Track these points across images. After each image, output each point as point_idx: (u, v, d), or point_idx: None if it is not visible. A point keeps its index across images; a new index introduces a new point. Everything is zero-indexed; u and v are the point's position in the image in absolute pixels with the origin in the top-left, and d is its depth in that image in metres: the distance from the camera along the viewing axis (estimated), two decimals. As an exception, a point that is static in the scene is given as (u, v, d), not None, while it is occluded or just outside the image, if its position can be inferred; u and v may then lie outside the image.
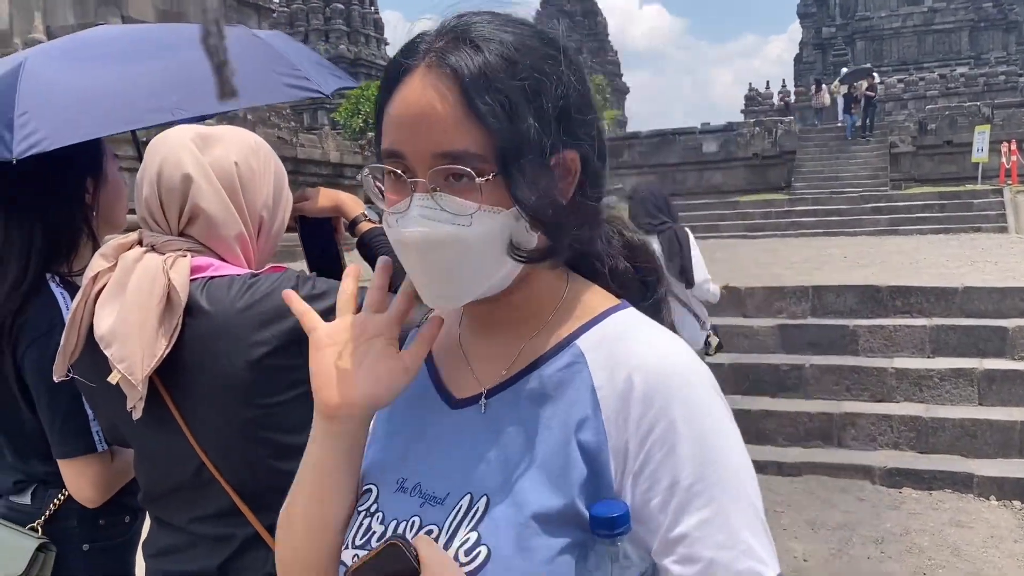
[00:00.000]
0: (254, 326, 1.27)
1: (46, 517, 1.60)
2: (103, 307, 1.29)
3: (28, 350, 1.53)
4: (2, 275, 1.57)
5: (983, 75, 38.24)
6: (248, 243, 1.40)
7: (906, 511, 4.50)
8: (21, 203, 1.59)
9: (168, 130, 1.38)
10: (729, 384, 5.89)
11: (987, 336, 5.59)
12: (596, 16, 74.07)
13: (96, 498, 1.57)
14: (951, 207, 16.60)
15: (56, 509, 1.60)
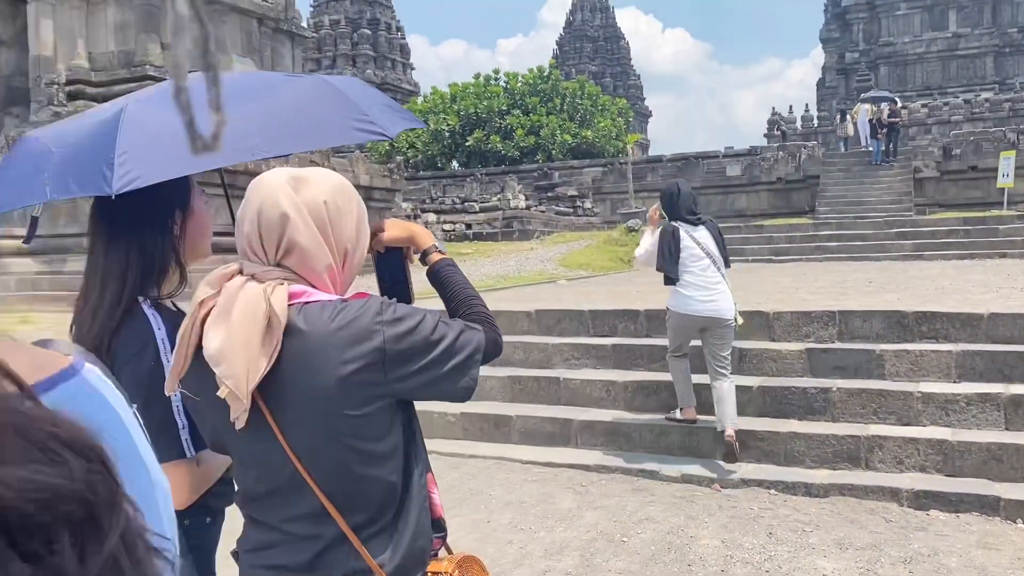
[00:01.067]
0: (344, 346, 1.43)
1: None
2: (211, 330, 1.46)
3: (125, 366, 1.69)
4: (101, 298, 1.75)
5: (1008, 100, 38.13)
6: (335, 272, 1.56)
7: (933, 532, 4.58)
8: (119, 234, 1.77)
9: (266, 173, 1.55)
10: (757, 406, 6.01)
11: (1013, 362, 5.67)
12: (619, 40, 74.58)
13: (183, 501, 1.73)
14: (976, 232, 16.61)
15: None
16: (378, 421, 1.47)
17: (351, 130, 1.78)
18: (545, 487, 5.56)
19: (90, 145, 1.60)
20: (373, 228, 1.74)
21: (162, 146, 1.58)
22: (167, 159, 1.57)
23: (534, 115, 41.16)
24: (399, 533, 1.51)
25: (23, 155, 1.79)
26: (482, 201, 23.97)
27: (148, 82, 13.40)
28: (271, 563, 1.54)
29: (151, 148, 1.56)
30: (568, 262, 16.28)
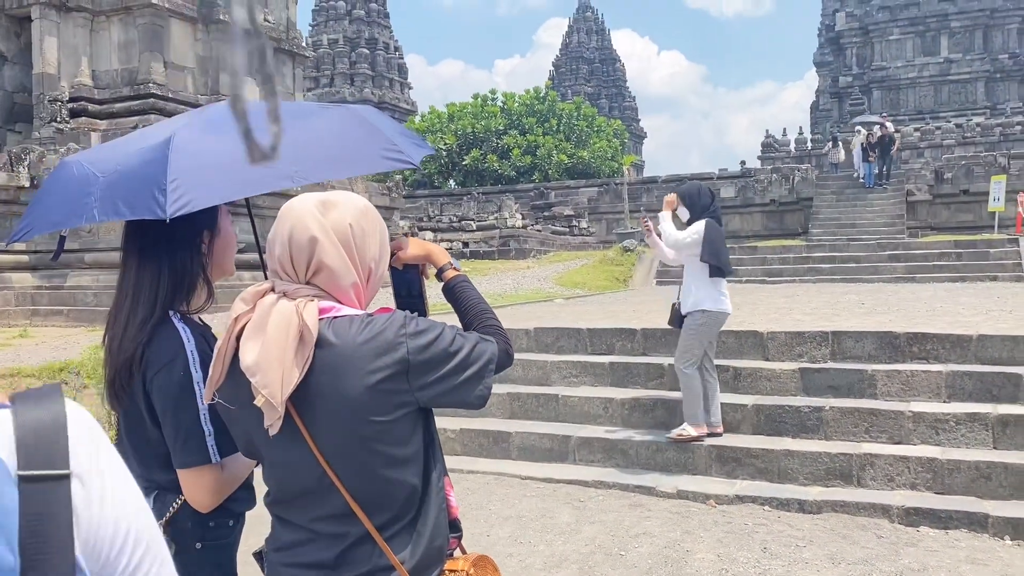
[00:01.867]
0: (371, 356, 1.55)
1: (167, 519, 1.86)
2: (247, 343, 1.58)
3: (156, 376, 1.81)
4: (134, 312, 1.87)
5: (999, 125, 38.55)
6: (360, 289, 1.69)
7: (923, 548, 4.70)
8: (151, 251, 1.89)
9: (295, 198, 1.67)
10: (752, 424, 6.13)
11: (1001, 383, 5.81)
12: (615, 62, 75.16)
13: (209, 503, 1.84)
14: (968, 255, 16.80)
15: (174, 512, 1.86)
16: (402, 427, 1.59)
17: (380, 159, 1.91)
18: (544, 502, 5.66)
19: (139, 170, 1.72)
20: (393, 246, 1.86)
21: (211, 172, 1.70)
22: (216, 184, 1.69)
23: (531, 135, 41.46)
24: (419, 532, 1.62)
25: (66, 178, 1.91)
26: (479, 220, 24.13)
27: (151, 100, 13.55)
28: (300, 561, 1.65)
29: (201, 174, 1.68)
30: (564, 281, 16.41)
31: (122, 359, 1.84)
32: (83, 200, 1.79)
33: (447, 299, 1.88)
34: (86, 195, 1.79)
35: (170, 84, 14.02)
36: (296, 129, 1.87)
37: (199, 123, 1.86)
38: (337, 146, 1.86)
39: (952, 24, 42.99)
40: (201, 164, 1.70)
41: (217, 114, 1.92)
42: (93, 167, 1.86)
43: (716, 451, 5.91)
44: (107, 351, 1.89)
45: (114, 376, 1.86)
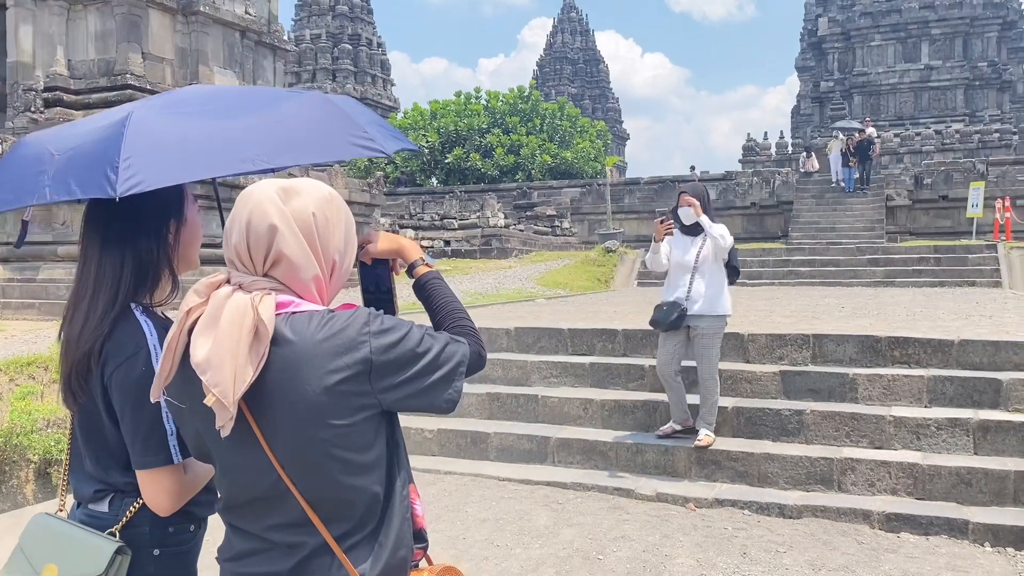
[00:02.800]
0: (331, 355, 1.45)
1: (123, 523, 1.75)
2: (198, 338, 1.47)
3: (116, 371, 1.70)
4: (94, 303, 1.76)
5: (977, 132, 38.90)
6: (323, 283, 1.58)
7: (904, 555, 4.65)
8: (113, 240, 1.78)
9: (255, 184, 1.56)
10: (732, 427, 6.08)
11: (982, 388, 5.78)
12: (598, 63, 75.24)
13: (169, 507, 1.73)
14: (946, 261, 16.90)
15: (131, 516, 1.75)
16: (363, 431, 1.49)
17: (350, 146, 1.80)
18: (521, 504, 5.57)
19: (93, 148, 1.62)
20: (361, 240, 1.75)
21: (167, 152, 1.60)
22: (171, 165, 1.59)
23: (514, 134, 41.38)
24: (380, 543, 1.52)
25: (21, 157, 1.80)
26: (461, 218, 24.02)
27: (128, 91, 13.34)
28: (252, 571, 1.54)
29: (156, 153, 1.58)
30: (546, 281, 16.34)
31: (80, 353, 1.73)
32: (36, 179, 1.68)
33: (418, 296, 1.78)
34: (39, 173, 1.69)
35: (148, 75, 13.80)
36: (260, 112, 1.77)
37: (159, 104, 1.75)
38: (302, 131, 1.75)
39: (933, 31, 43.34)
40: (157, 143, 1.59)
41: (178, 96, 1.82)
42: (49, 145, 1.76)
43: (696, 454, 5.85)
44: (64, 345, 1.78)
45: (71, 371, 1.74)
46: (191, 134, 1.65)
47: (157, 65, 14.09)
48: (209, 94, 1.90)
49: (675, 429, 6.01)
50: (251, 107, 1.80)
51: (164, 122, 1.65)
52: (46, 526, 1.80)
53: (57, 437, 6.20)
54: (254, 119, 1.73)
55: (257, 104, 1.82)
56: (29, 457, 6.19)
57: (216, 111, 1.76)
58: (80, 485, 1.83)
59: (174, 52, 14.40)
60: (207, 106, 1.79)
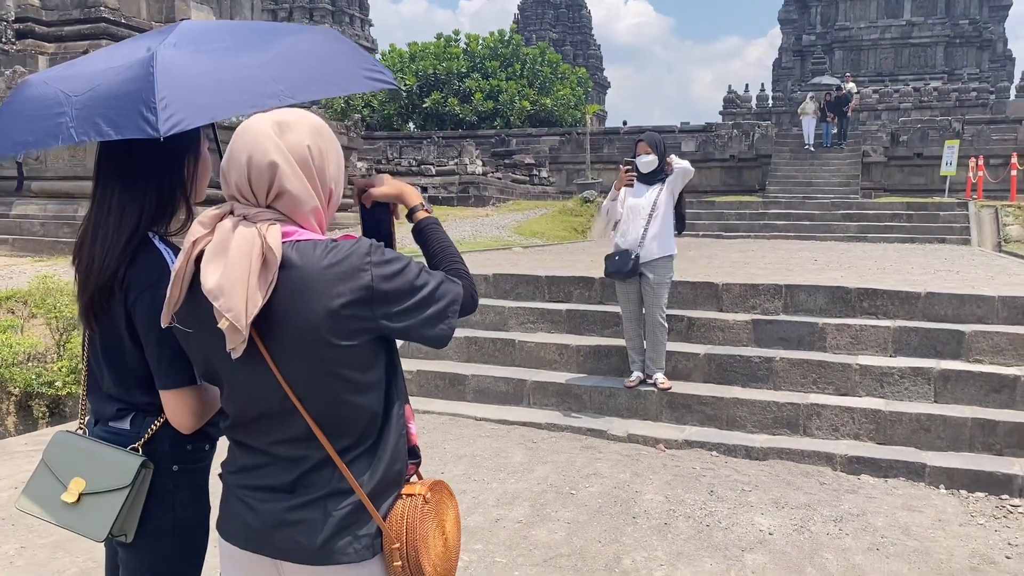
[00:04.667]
0: (335, 280, 1.54)
1: (144, 440, 1.86)
2: (208, 265, 1.55)
3: (140, 297, 1.79)
4: (118, 232, 1.84)
5: (955, 90, 39.08)
6: (321, 213, 1.67)
7: (863, 495, 4.87)
8: (135, 173, 1.86)
9: (249, 120, 1.62)
10: (703, 373, 6.25)
11: (945, 339, 5.98)
12: (581, 9, 74.13)
13: (192, 424, 1.84)
14: (918, 218, 17.14)
15: (152, 434, 1.86)
16: (364, 353, 1.59)
17: (364, 79, 1.87)
18: (497, 442, 5.73)
19: (118, 89, 1.66)
20: (364, 183, 1.83)
21: (199, 91, 1.66)
22: (205, 103, 1.65)
23: (493, 79, 40.92)
24: (378, 457, 1.63)
25: (32, 99, 1.84)
26: (439, 165, 23.89)
27: (103, 25, 13.06)
28: (257, 483, 1.65)
29: (189, 92, 1.64)
30: (523, 230, 16.39)
31: (104, 278, 1.81)
32: (55, 120, 1.73)
33: (416, 240, 1.86)
34: (58, 115, 1.73)
35: (123, 8, 13.51)
36: (276, 47, 1.83)
37: (178, 41, 1.79)
38: (319, 65, 1.82)
39: (916, -13, 43.22)
40: (188, 82, 1.65)
41: (194, 33, 1.86)
42: (61, 86, 1.80)
43: (667, 397, 6.02)
44: (84, 270, 1.86)
45: (92, 295, 1.82)
46: (218, 72, 1.71)
47: (132, -2, 13.79)
48: (224, 30, 1.94)
49: (641, 379, 6.18)
50: (266, 42, 1.85)
51: (189, 61, 1.71)
52: (69, 442, 1.90)
53: (38, 371, 6.25)
54: (272, 54, 1.79)
55: (271, 39, 1.87)
56: (10, 390, 6.25)
57: (234, 47, 1.81)
58: (99, 404, 1.92)
59: (147, -13, 14.08)
60: (225, 42, 1.84)
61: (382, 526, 1.62)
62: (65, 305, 6.70)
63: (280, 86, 1.73)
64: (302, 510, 1.60)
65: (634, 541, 4.18)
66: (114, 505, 1.80)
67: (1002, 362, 5.78)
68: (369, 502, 1.60)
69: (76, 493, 1.83)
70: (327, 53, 1.90)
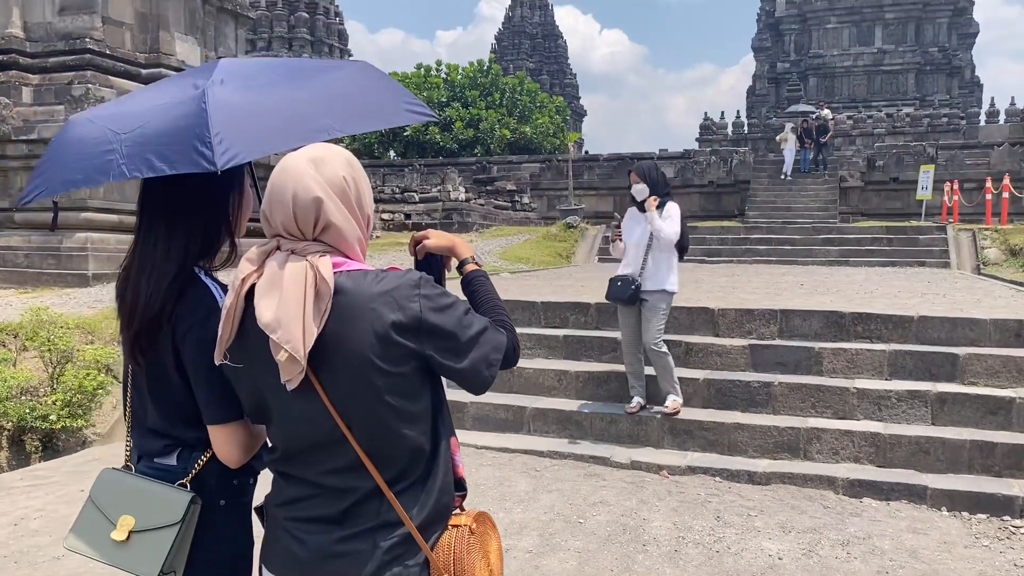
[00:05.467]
0: (385, 306, 1.57)
1: (192, 475, 1.85)
2: (261, 300, 1.58)
3: (189, 332, 1.79)
4: (165, 266, 1.84)
5: (927, 116, 39.81)
6: (364, 241, 1.73)
7: (867, 518, 4.90)
8: (182, 208, 1.88)
9: (284, 159, 1.67)
10: (703, 398, 6.28)
11: (940, 362, 6.06)
12: (557, 39, 74.88)
13: (240, 458, 1.84)
14: (898, 241, 17.38)
15: (199, 469, 1.86)
16: (412, 381, 1.62)
17: (405, 112, 1.91)
18: (500, 471, 5.71)
19: (170, 126, 1.69)
20: (419, 236, 1.89)
21: (251, 126, 1.69)
22: (258, 138, 1.68)
23: (473, 108, 41.22)
24: (427, 489, 1.64)
25: (79, 138, 1.86)
26: (422, 192, 23.94)
27: (87, 56, 13.03)
28: (304, 515, 1.66)
29: (242, 127, 1.67)
30: (508, 256, 16.44)
31: (151, 313, 1.81)
32: (105, 158, 1.75)
33: (464, 292, 1.89)
34: (107, 152, 1.75)
35: (108, 40, 13.46)
36: (319, 82, 1.86)
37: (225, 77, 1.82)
38: (362, 99, 1.87)
39: (887, 15, 44.09)
40: (240, 118, 1.69)
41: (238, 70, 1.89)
42: (108, 124, 1.82)
43: (668, 423, 6.04)
44: (129, 304, 1.85)
45: (139, 330, 1.82)
46: (268, 107, 1.75)
47: (117, 30, 13.77)
48: (266, 66, 1.98)
49: (642, 404, 6.21)
50: (308, 78, 1.89)
51: (239, 97, 1.74)
52: (116, 480, 1.88)
53: (32, 404, 6.17)
54: (316, 89, 1.83)
55: (312, 75, 1.91)
56: (2, 424, 6.15)
57: (279, 83, 1.85)
58: (144, 440, 1.91)
59: (134, 17, 14.06)
60: (269, 78, 1.88)
61: (430, 557, 1.63)
62: (59, 338, 6.63)
63: (328, 120, 1.77)
64: (351, 541, 1.61)
65: (646, 569, 4.18)
66: (165, 542, 1.79)
67: (997, 384, 5.86)
68: (418, 534, 1.61)
69: (126, 531, 1.82)
70: (368, 87, 1.94)
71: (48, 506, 5.04)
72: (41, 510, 4.96)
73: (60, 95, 12.82)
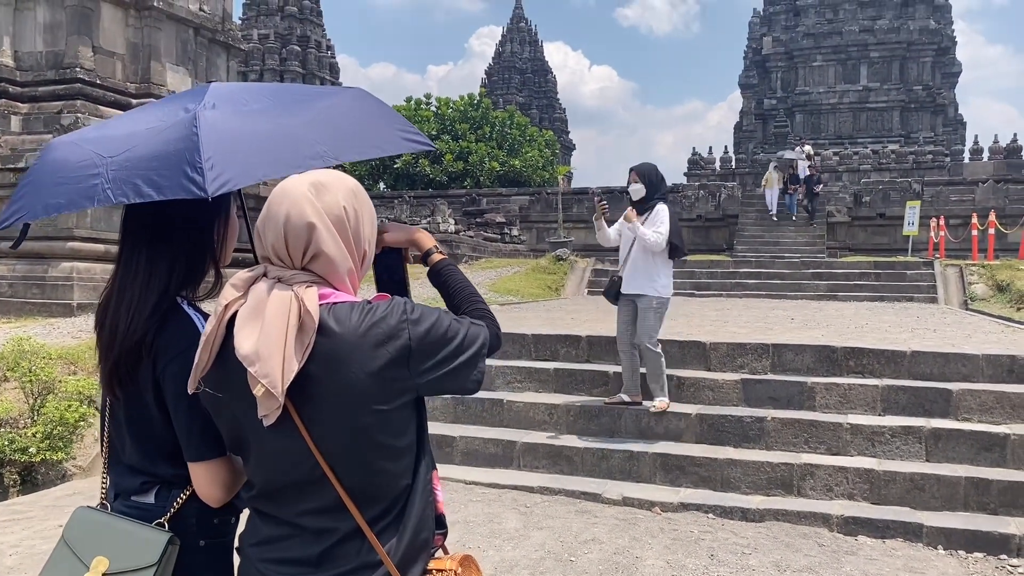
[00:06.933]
0: (375, 344, 1.51)
1: (170, 514, 1.76)
2: (242, 330, 1.51)
3: (170, 364, 1.71)
4: (145, 295, 1.77)
5: (912, 153, 40.24)
6: (355, 274, 1.65)
7: (863, 557, 4.82)
8: (165, 235, 1.80)
9: (285, 181, 1.61)
10: (695, 433, 6.21)
11: (933, 397, 6.02)
12: (547, 74, 75.62)
13: (222, 497, 1.75)
14: (886, 276, 17.44)
15: (178, 508, 1.76)
16: (401, 416, 1.56)
17: (402, 140, 1.86)
18: (490, 507, 5.61)
19: (161, 149, 1.63)
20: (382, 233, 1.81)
21: (243, 152, 1.63)
22: (250, 164, 1.62)
23: (463, 141, 41.43)
24: (404, 524, 1.57)
25: (62, 162, 1.79)
26: (412, 223, 23.93)
27: (78, 86, 13.01)
28: (280, 556, 1.58)
29: (234, 153, 1.61)
30: (498, 288, 16.39)
31: (129, 344, 1.73)
32: (90, 183, 1.68)
33: (433, 283, 1.85)
34: (92, 177, 1.69)
35: (98, 70, 13.46)
36: (314, 109, 1.81)
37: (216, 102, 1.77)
38: (358, 126, 1.81)
39: (872, 54, 44.70)
40: (232, 143, 1.63)
41: (229, 94, 1.84)
42: (94, 148, 1.76)
43: (660, 459, 5.96)
44: (108, 333, 1.78)
45: (118, 361, 1.74)
46: (261, 132, 1.69)
47: (108, 60, 13.77)
48: (258, 91, 1.93)
49: (623, 400, 6.36)
50: (304, 104, 1.84)
51: (232, 122, 1.68)
52: (90, 519, 1.79)
53: (11, 436, 6.04)
54: (312, 115, 1.78)
55: (308, 101, 1.86)
56: (-20, 457, 6.01)
57: (273, 108, 1.80)
58: (121, 477, 1.83)
59: (126, 47, 14.07)
60: (263, 103, 1.83)
61: None
62: (41, 368, 6.51)
63: (323, 147, 1.71)
64: None
65: (639, 609, 4.08)
66: None
67: (990, 420, 5.82)
68: (397, 573, 1.54)
69: (100, 573, 1.72)
70: (365, 115, 1.89)
71: (24, 542, 4.90)
72: (17, 546, 4.83)
73: (49, 124, 12.78)
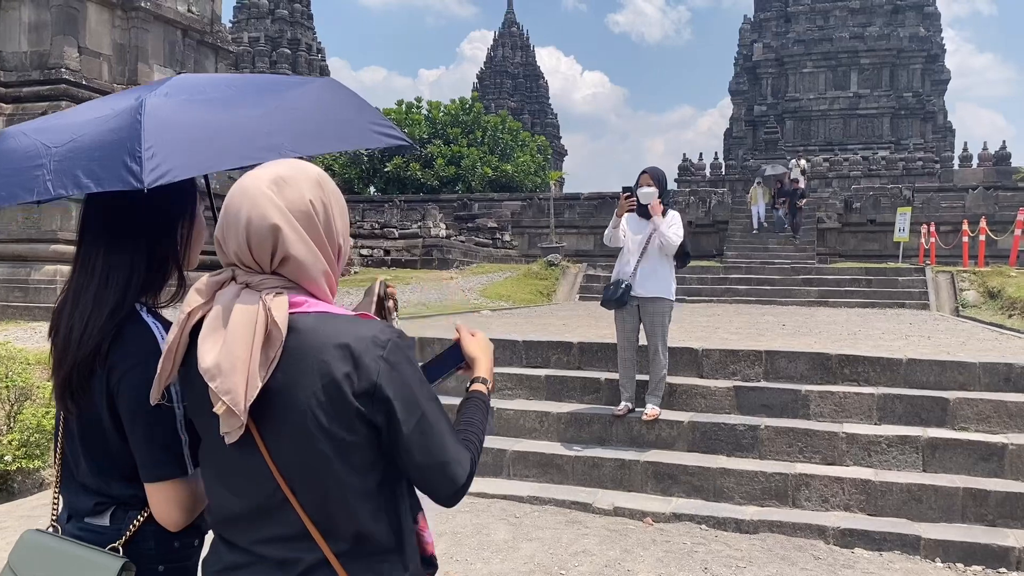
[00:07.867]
0: (339, 363, 1.37)
1: (126, 538, 1.63)
2: (205, 341, 1.38)
3: (126, 375, 1.58)
4: (101, 300, 1.63)
5: (902, 159, 40.37)
6: (332, 275, 1.50)
7: (860, 570, 4.71)
8: (124, 236, 1.66)
9: (244, 177, 1.46)
10: (687, 441, 6.10)
11: (929, 406, 5.92)
12: (538, 79, 75.65)
13: (181, 521, 1.62)
14: (877, 283, 17.40)
15: (135, 531, 1.63)
16: (363, 451, 1.41)
17: (372, 134, 1.74)
18: (478, 518, 5.48)
19: (102, 139, 1.50)
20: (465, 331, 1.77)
21: (191, 142, 1.50)
22: (197, 155, 1.49)
23: (455, 146, 41.30)
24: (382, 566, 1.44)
25: (8, 151, 1.67)
26: (402, 228, 23.78)
27: (63, 86, 12.85)
28: None
29: (180, 143, 1.48)
30: (489, 293, 16.28)
31: (83, 353, 1.59)
32: (32, 173, 1.56)
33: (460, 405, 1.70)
34: (35, 168, 1.56)
35: (84, 70, 13.31)
36: (277, 99, 1.69)
37: (169, 90, 1.64)
38: (324, 119, 1.68)
39: (862, 61, 44.85)
40: (178, 133, 1.50)
41: (187, 83, 1.72)
42: (40, 137, 1.63)
43: (652, 468, 5.85)
44: (61, 343, 1.64)
45: (71, 372, 1.61)
46: (212, 122, 1.56)
47: (94, 60, 13.61)
48: (221, 81, 1.81)
49: (630, 408, 6.26)
50: (267, 94, 1.71)
51: (181, 110, 1.55)
52: (39, 543, 1.65)
53: (-14, 445, 5.87)
54: (273, 106, 1.66)
55: (272, 91, 1.74)
56: (-47, 466, 5.85)
57: (232, 98, 1.67)
58: (74, 497, 1.69)
59: (112, 48, 13.92)
60: (222, 93, 1.70)
61: None
62: (17, 374, 6.35)
63: (281, 139, 1.58)
64: None
65: (632, 625, 3.96)
66: None
67: (988, 429, 5.73)
68: None
69: None
70: (333, 106, 1.76)
71: (-3, 554, 4.74)
72: (-11, 558, 4.67)
73: (33, 125, 12.61)
